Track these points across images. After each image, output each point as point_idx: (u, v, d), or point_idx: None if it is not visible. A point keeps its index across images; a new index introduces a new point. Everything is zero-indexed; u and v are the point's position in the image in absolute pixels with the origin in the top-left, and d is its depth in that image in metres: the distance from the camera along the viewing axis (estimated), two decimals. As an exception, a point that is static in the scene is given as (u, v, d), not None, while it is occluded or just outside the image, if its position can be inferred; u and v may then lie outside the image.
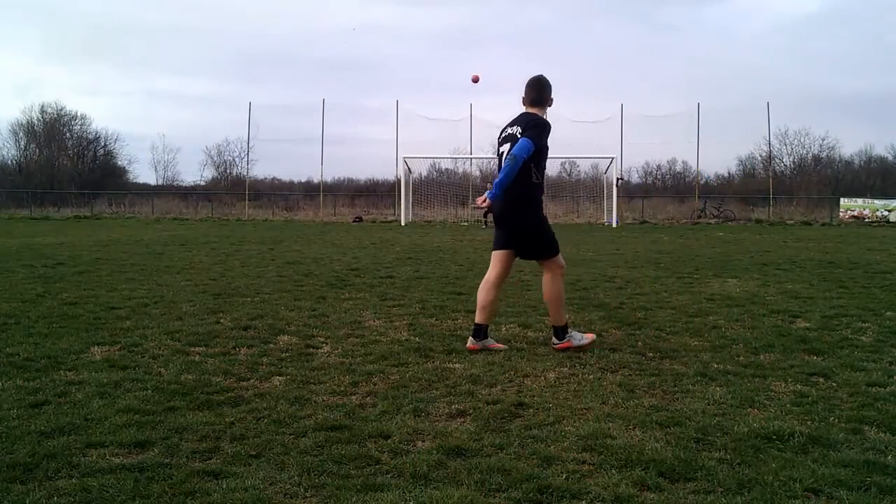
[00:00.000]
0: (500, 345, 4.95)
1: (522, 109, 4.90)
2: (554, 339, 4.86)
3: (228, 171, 48.74)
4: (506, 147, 4.78)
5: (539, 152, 4.69)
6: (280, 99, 70.98)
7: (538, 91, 4.87)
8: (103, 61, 77.01)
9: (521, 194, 4.73)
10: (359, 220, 30.16)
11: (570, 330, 4.89)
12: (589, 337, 4.87)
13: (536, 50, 76.76)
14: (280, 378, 4.12)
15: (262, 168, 68.43)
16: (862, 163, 47.87)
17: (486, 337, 4.90)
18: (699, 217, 29.77)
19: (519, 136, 4.68)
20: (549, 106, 4.93)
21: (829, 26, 73.79)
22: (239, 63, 78.65)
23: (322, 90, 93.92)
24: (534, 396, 3.76)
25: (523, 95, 4.89)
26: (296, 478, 2.70)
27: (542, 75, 4.93)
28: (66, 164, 47.60)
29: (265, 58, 79.07)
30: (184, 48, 78.77)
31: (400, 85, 76.80)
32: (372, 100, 75.99)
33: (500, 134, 4.93)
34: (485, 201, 4.79)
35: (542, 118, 4.83)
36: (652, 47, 77.17)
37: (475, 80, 6.31)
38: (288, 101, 71.48)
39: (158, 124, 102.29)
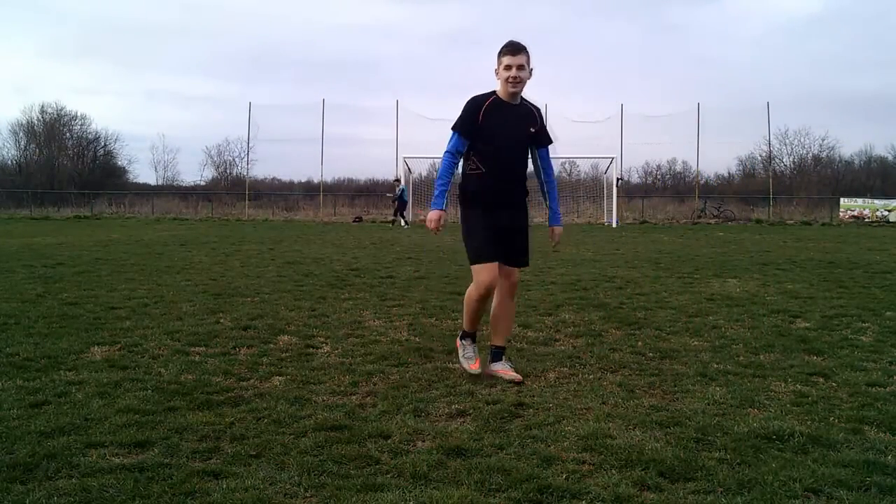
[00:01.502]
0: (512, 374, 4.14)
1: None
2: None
3: (228, 171, 48.79)
4: None
5: (469, 138, 4.13)
6: (280, 99, 71.09)
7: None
8: (103, 61, 77.06)
9: (459, 190, 4.29)
10: (359, 220, 30.15)
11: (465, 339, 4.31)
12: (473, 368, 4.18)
13: (537, 49, 76.72)
14: (280, 378, 4.12)
15: (262, 168, 68.45)
16: (862, 163, 47.93)
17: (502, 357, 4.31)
18: (699, 217, 29.77)
19: None
20: (499, 76, 4.16)
21: (830, 26, 73.83)
22: (239, 63, 78.65)
23: (322, 90, 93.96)
24: (534, 396, 3.76)
25: None
26: (296, 478, 2.70)
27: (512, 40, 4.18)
28: (66, 164, 47.61)
29: (265, 57, 79.10)
30: (184, 48, 78.85)
31: (400, 85, 76.83)
32: (372, 100, 76.08)
33: None
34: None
35: (471, 98, 4.19)
36: (652, 47, 77.21)
37: None
38: (288, 101, 71.53)
39: (158, 124, 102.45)
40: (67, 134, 48.74)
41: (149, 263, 10.57)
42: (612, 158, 28.93)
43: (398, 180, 28.13)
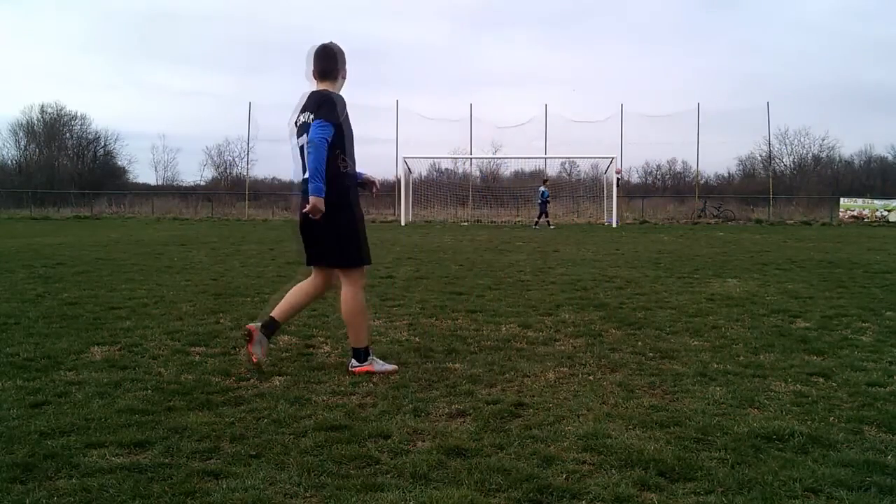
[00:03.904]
0: (256, 357, 4.25)
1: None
2: (353, 362, 4.27)
3: (228, 171, 48.80)
4: (304, 139, 4.14)
5: (339, 134, 4.11)
6: (280, 98, 70.91)
7: (325, 61, 4.25)
8: (103, 60, 77.00)
9: (330, 190, 4.09)
10: (359, 220, 30.10)
11: (372, 354, 4.32)
12: (391, 367, 4.27)
13: (536, 49, 76.82)
14: (280, 378, 4.12)
15: (262, 168, 68.43)
16: (862, 163, 47.97)
17: (271, 336, 4.39)
18: (699, 217, 29.79)
19: (311, 121, 4.09)
20: (344, 79, 4.32)
21: (830, 25, 73.78)
22: (240, 61, 78.56)
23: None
24: (534, 396, 3.76)
25: (309, 69, 4.29)
26: (296, 478, 2.70)
27: (330, 42, 4.30)
28: (66, 164, 47.63)
29: (265, 54, 79.02)
30: (185, 46, 78.75)
31: (400, 85, 76.80)
32: (372, 99, 76.01)
33: (294, 123, 4.29)
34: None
35: (332, 93, 4.19)
36: (652, 47, 77.19)
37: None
38: (288, 100, 71.33)
39: (158, 124, 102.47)
40: (67, 134, 48.78)
41: (149, 263, 10.57)
42: (612, 158, 28.95)
43: (546, 181, 27.30)
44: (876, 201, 29.46)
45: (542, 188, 25.39)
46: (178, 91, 75.48)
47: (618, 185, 27.88)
